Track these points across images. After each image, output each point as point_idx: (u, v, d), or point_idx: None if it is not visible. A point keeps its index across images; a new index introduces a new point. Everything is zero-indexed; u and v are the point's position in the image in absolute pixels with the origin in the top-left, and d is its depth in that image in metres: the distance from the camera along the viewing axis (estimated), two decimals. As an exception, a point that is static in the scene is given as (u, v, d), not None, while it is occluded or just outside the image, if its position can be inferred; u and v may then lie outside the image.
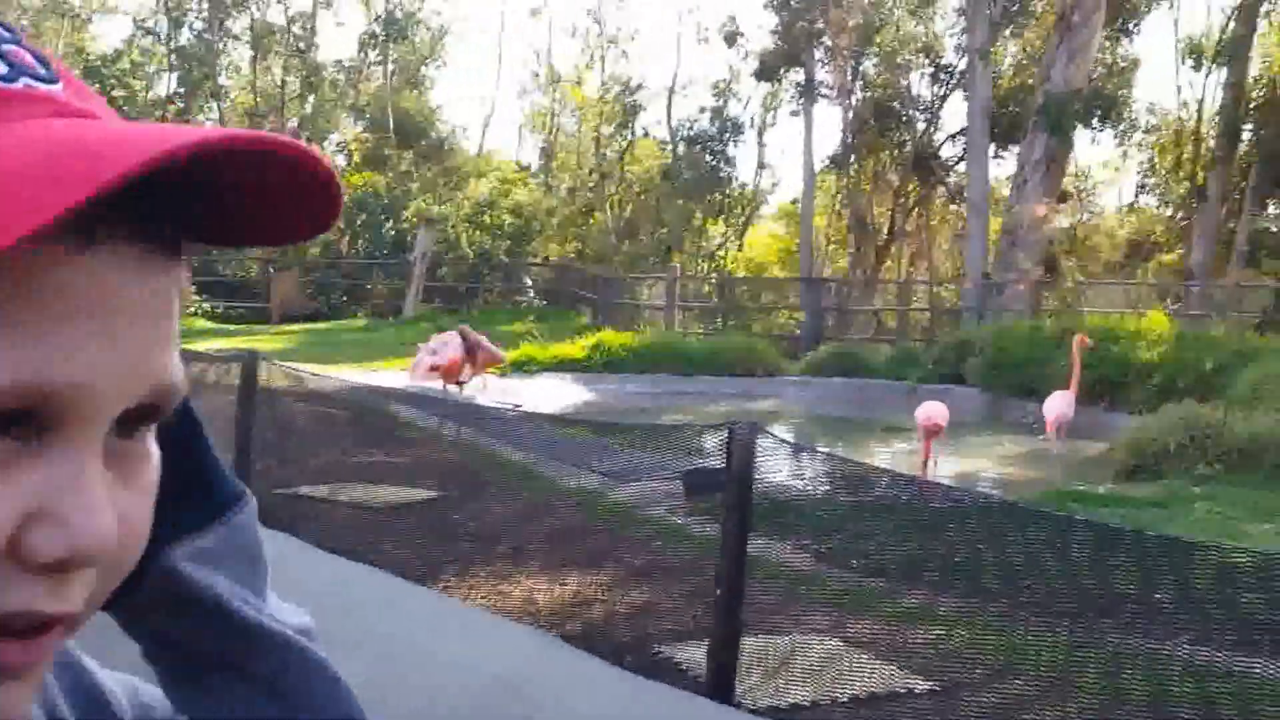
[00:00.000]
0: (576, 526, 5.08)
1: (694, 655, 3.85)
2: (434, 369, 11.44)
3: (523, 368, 16.15)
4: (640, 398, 16.04)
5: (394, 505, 6.17)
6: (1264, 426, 9.46)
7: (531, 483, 5.49)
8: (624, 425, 5.66)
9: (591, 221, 35.62)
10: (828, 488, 4.11)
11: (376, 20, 36.11)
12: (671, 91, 35.42)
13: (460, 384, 11.63)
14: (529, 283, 31.90)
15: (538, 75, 38.44)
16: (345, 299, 29.18)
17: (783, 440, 3.91)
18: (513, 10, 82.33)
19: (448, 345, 11.78)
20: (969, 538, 3.79)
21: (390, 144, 33.40)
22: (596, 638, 4.10)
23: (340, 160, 34.54)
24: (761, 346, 18.58)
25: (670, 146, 35.53)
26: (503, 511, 5.44)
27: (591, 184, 35.88)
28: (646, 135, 36.76)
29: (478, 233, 30.65)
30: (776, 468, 3.84)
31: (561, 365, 16.95)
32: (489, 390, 14.00)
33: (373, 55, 37.49)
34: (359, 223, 30.32)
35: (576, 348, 17.63)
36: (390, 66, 37.03)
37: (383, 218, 29.99)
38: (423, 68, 39.03)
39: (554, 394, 15.07)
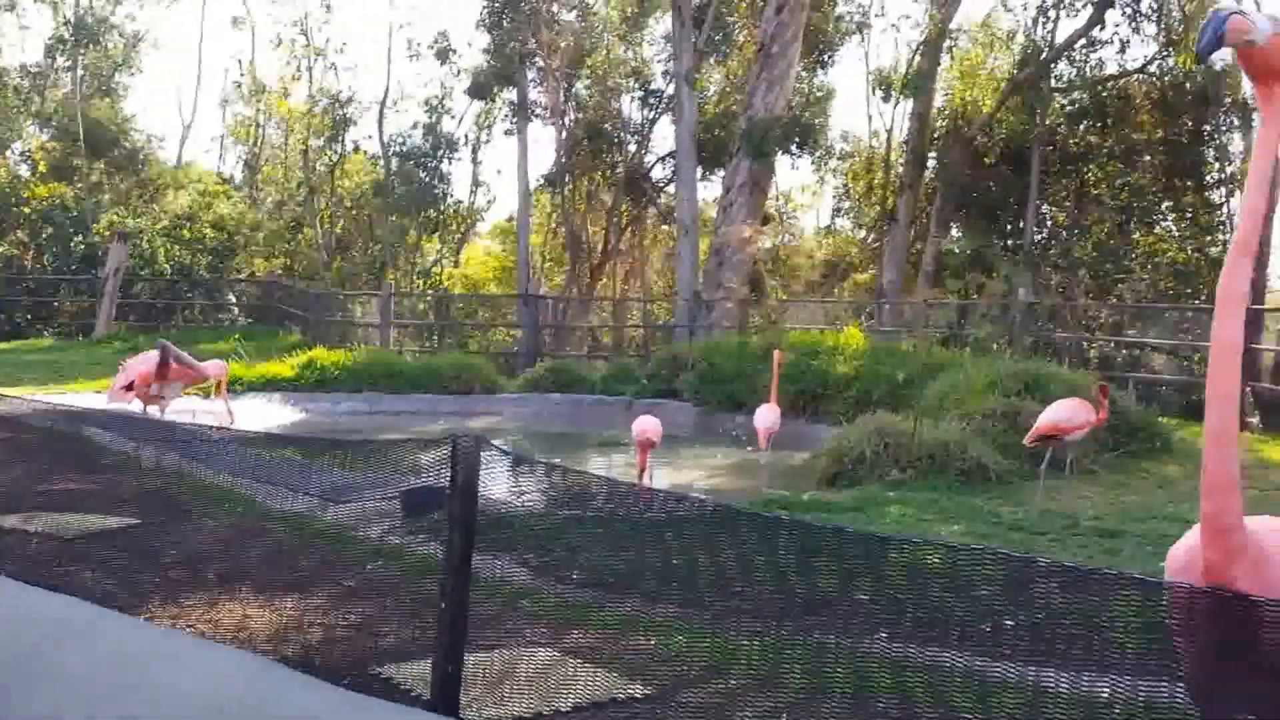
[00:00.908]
0: (292, 548, 4.90)
1: (417, 672, 3.80)
2: (127, 388, 10.77)
3: (229, 387, 15.42)
4: (355, 417, 15.69)
5: (94, 532, 5.77)
6: (950, 434, 10.19)
7: (242, 505, 5.26)
8: (339, 443, 5.50)
9: (300, 237, 34.54)
10: (550, 500, 4.13)
11: (66, 25, 33.83)
12: (383, 106, 34.86)
13: (161, 404, 10.97)
14: (233, 300, 30.61)
15: (240, 85, 36.99)
16: (30, 318, 27.11)
17: (506, 452, 3.90)
18: (213, 18, 78.92)
19: (136, 361, 11.14)
20: (685, 543, 3.88)
21: (80, 154, 31.38)
22: (315, 659, 3.98)
23: (24, 170, 32.13)
24: (479, 363, 18.56)
25: (383, 162, 34.95)
26: (212, 536, 5.19)
27: (300, 198, 34.79)
28: (358, 149, 36.01)
29: (176, 247, 29.18)
30: (499, 481, 3.84)
31: (270, 384, 16.35)
32: (224, 416, 13.38)
33: (61, 61, 35.18)
34: (45, 236, 28.28)
35: (286, 366, 17.07)
36: (80, 73, 34.84)
37: (71, 231, 28.04)
38: (116, 75, 36.89)
39: (263, 414, 14.50)
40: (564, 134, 32.00)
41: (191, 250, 29.47)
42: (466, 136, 35.04)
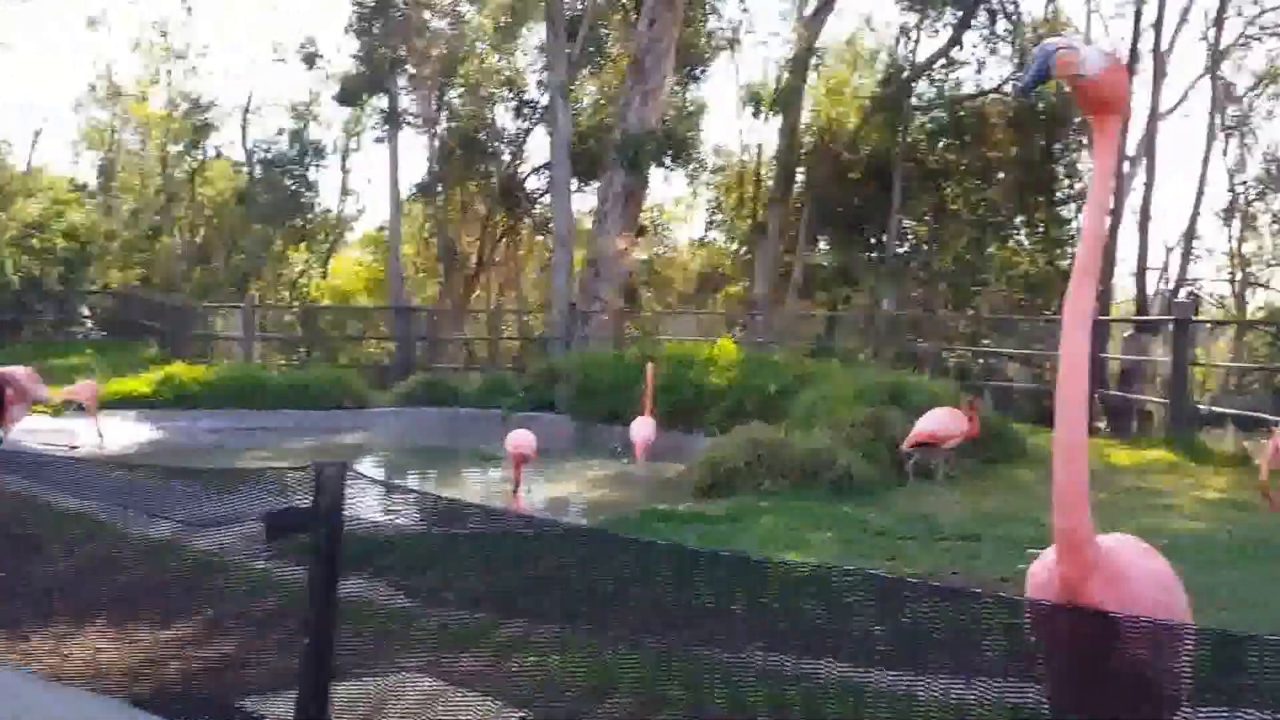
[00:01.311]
0: (148, 579, 4.69)
1: (283, 708, 3.67)
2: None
3: (81, 405, 14.81)
4: (217, 435, 15.20)
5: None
6: (820, 443, 10.37)
7: (94, 533, 5.03)
8: (199, 469, 5.31)
9: (158, 246, 33.46)
10: (421, 524, 4.05)
11: (-94, 23, 32.24)
12: (247, 111, 34.06)
13: (5, 429, 10.52)
14: (86, 312, 29.46)
15: (95, 89, 35.70)
16: None
17: (374, 480, 3.81)
18: (69, 18, 75.84)
19: None
20: (561, 565, 3.85)
21: (-80, 159, 29.91)
22: (171, 698, 3.82)
23: None
24: (349, 377, 18.17)
25: (246, 169, 34.09)
26: (61, 567, 4.94)
27: (158, 206, 33.72)
28: (220, 156, 35.09)
29: (25, 257, 27.99)
30: (368, 506, 3.75)
31: (126, 401, 15.69)
32: (93, 436, 12.95)
33: (-98, 62, 33.50)
34: (-119, 246, 26.88)
35: (142, 382, 16.44)
36: (-78, 74, 33.23)
37: (-89, 241, 26.73)
38: (-40, 76, 35.33)
39: (118, 433, 13.96)
40: (437, 142, 31.66)
41: (42, 260, 28.35)
42: (335, 144, 34.50)
